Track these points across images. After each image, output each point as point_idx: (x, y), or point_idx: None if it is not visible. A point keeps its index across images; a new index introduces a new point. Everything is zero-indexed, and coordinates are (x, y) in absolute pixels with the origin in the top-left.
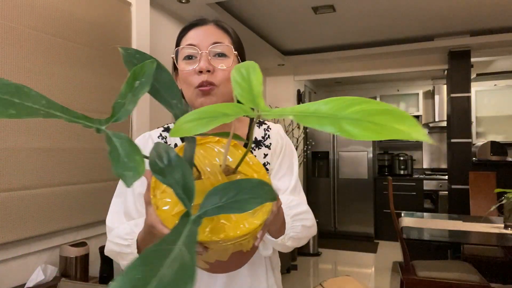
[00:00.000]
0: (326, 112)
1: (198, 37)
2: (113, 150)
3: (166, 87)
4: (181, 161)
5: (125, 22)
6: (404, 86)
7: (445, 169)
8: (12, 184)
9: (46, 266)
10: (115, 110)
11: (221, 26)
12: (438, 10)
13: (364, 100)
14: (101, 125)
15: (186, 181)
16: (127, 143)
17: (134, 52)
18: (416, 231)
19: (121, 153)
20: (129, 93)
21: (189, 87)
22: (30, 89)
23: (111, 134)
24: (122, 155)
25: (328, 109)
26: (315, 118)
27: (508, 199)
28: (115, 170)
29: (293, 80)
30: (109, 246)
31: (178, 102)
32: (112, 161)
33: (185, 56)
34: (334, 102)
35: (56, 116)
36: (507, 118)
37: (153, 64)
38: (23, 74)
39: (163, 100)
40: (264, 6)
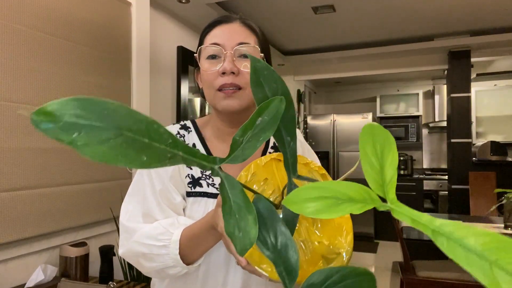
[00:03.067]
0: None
1: (223, 36)
2: (226, 200)
3: (285, 124)
4: (289, 236)
5: (125, 22)
6: (404, 86)
7: (445, 169)
8: (12, 184)
9: (46, 266)
10: (232, 148)
11: (248, 25)
12: (438, 10)
13: None
14: (214, 164)
15: (290, 260)
16: (240, 194)
17: (264, 67)
18: (416, 231)
19: (233, 205)
20: (249, 130)
21: (211, 88)
22: (159, 125)
23: (224, 177)
24: (234, 208)
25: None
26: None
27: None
28: (226, 226)
29: (293, 80)
30: (132, 248)
31: (292, 140)
32: (224, 211)
33: (208, 55)
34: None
35: (179, 159)
36: (507, 118)
37: (282, 104)
38: (23, 74)
39: (278, 135)
40: (264, 6)
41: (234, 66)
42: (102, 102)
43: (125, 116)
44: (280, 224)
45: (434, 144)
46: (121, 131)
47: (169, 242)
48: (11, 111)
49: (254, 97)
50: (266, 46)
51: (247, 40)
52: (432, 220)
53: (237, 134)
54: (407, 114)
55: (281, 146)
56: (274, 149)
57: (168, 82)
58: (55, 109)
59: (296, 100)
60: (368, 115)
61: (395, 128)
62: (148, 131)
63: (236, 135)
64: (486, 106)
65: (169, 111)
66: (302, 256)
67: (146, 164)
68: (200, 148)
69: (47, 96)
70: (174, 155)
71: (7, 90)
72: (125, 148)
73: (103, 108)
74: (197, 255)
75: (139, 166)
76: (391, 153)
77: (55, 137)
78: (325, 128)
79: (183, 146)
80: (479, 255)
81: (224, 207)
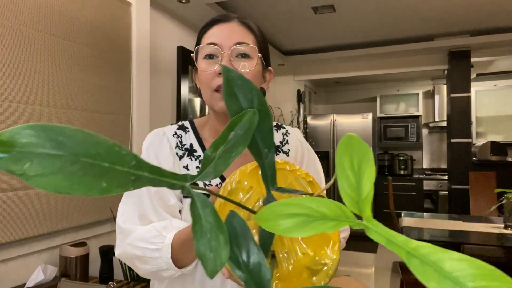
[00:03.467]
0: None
1: (220, 35)
2: (197, 219)
3: (263, 135)
4: (261, 255)
5: (125, 22)
6: (404, 86)
7: (445, 169)
8: (12, 184)
9: (46, 266)
10: (203, 164)
11: (246, 24)
12: (438, 10)
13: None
14: (185, 182)
15: (262, 279)
16: (211, 213)
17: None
18: (416, 231)
19: (204, 224)
20: (221, 145)
21: (208, 88)
22: (120, 147)
23: (195, 196)
24: (205, 229)
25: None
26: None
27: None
28: (196, 247)
29: (293, 80)
30: (127, 250)
31: (270, 152)
32: (194, 231)
33: (205, 55)
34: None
35: (145, 181)
36: (507, 118)
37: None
38: (23, 74)
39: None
40: (264, 6)
41: (231, 66)
42: (58, 128)
43: (82, 141)
44: (252, 242)
45: (434, 144)
46: (78, 158)
47: (162, 245)
48: (11, 111)
49: (228, 109)
50: (264, 45)
51: (244, 40)
52: (407, 241)
53: (209, 150)
54: (407, 114)
55: (258, 159)
56: None
57: (168, 82)
58: (7, 138)
59: (296, 100)
60: (368, 115)
61: (395, 128)
62: (109, 154)
63: (208, 151)
64: (486, 106)
65: (169, 111)
66: (286, 267)
67: (105, 191)
68: (197, 148)
69: (47, 96)
70: (138, 177)
71: (7, 90)
72: (82, 175)
73: (59, 134)
74: (190, 258)
75: (98, 194)
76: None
77: (6, 168)
78: (325, 128)
79: (149, 166)
80: (454, 281)
81: (195, 226)
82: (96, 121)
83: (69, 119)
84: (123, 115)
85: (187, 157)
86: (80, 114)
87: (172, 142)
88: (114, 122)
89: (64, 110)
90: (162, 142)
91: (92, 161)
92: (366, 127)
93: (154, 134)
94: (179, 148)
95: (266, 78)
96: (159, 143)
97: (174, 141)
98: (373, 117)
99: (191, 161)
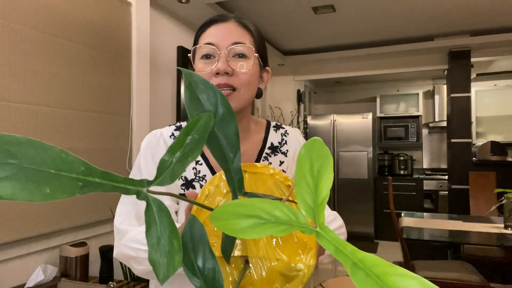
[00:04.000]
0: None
1: (217, 35)
2: (151, 221)
3: (227, 136)
4: (215, 260)
5: (125, 22)
6: (404, 86)
7: (445, 169)
8: None
9: (46, 266)
10: (159, 169)
11: (243, 24)
12: (438, 10)
13: None
14: (142, 187)
15: (216, 285)
16: (166, 218)
17: (200, 81)
18: (416, 231)
19: (159, 229)
20: (178, 150)
21: None
22: (68, 154)
23: (152, 201)
24: (159, 232)
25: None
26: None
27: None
28: (150, 253)
29: (293, 80)
30: (122, 250)
31: (235, 157)
32: (148, 239)
33: (202, 55)
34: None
35: (95, 187)
36: (507, 118)
37: (211, 120)
38: (23, 74)
39: (218, 151)
40: (264, 6)
41: (228, 66)
42: (5, 136)
43: (27, 148)
44: (208, 248)
45: (434, 144)
46: (22, 165)
47: None
48: (11, 111)
49: (189, 115)
50: (262, 45)
51: (242, 40)
52: (355, 251)
53: (166, 155)
54: (407, 114)
55: (223, 164)
56: (271, 149)
57: (168, 82)
58: None
59: (296, 100)
60: (368, 115)
61: (395, 128)
62: (54, 161)
63: (165, 156)
64: (486, 106)
65: (169, 111)
66: (259, 273)
67: (49, 197)
68: None
69: (47, 96)
70: (87, 183)
71: (7, 90)
72: (25, 182)
73: (5, 143)
74: None
75: (41, 200)
76: (327, 171)
77: None
78: (325, 128)
79: (100, 172)
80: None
81: (149, 232)
82: (96, 121)
83: (69, 119)
84: (123, 115)
85: None
86: (80, 114)
87: (169, 143)
88: (114, 122)
89: (64, 110)
90: (159, 143)
91: (37, 168)
92: (366, 127)
93: (151, 135)
94: None
95: (264, 79)
96: (156, 144)
97: (171, 142)
98: (373, 117)
99: None
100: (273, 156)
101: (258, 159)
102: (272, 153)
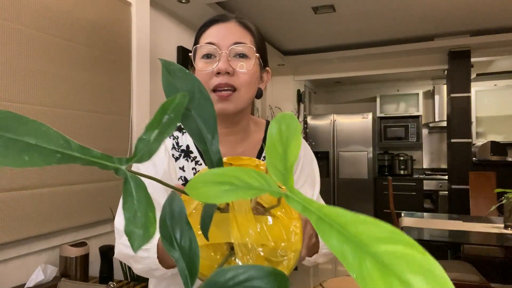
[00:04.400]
0: (356, 234)
1: (218, 35)
2: (128, 198)
3: (204, 119)
4: (193, 233)
5: (125, 22)
6: (404, 86)
7: (445, 169)
8: (12, 184)
9: (46, 266)
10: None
11: (244, 24)
12: (438, 10)
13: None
14: (121, 164)
15: (192, 256)
16: (143, 192)
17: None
18: (416, 231)
19: (135, 203)
20: (156, 129)
21: None
22: (48, 128)
23: (130, 177)
24: (136, 206)
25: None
26: (338, 235)
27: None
28: (126, 226)
29: (293, 80)
30: (121, 249)
31: (213, 139)
32: (125, 212)
33: (203, 55)
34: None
35: (73, 159)
36: (507, 118)
37: (185, 99)
38: (23, 74)
39: (197, 133)
40: (264, 6)
41: (229, 66)
42: None
43: (10, 121)
44: (185, 221)
45: (434, 144)
46: (4, 135)
47: (150, 245)
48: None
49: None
50: (262, 46)
51: (242, 40)
52: (321, 207)
53: (144, 134)
54: (407, 114)
55: (202, 145)
56: None
57: None
58: None
59: (296, 100)
60: (368, 115)
61: (395, 128)
62: (35, 133)
63: (143, 135)
64: (486, 106)
65: None
66: (245, 259)
67: (28, 164)
68: (193, 150)
69: (47, 96)
70: (65, 155)
71: (7, 90)
72: (5, 150)
73: None
74: None
75: (21, 165)
76: (295, 138)
77: None
78: (325, 128)
79: (79, 147)
80: (356, 244)
81: (126, 205)
82: (96, 121)
83: (69, 119)
84: (123, 115)
85: (183, 159)
86: (80, 114)
87: (168, 144)
88: (114, 122)
89: (64, 110)
90: None
91: (18, 138)
92: (366, 127)
93: None
94: (175, 149)
95: (264, 79)
96: None
97: (170, 142)
98: (373, 117)
99: (187, 162)
100: None
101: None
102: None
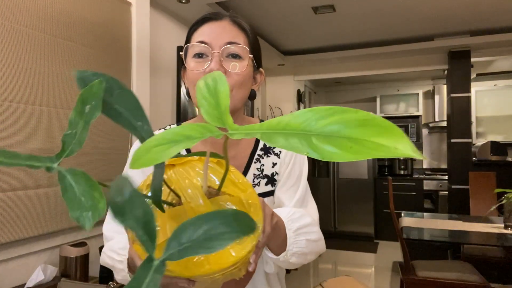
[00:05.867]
0: (297, 126)
1: (211, 34)
2: (68, 189)
3: (129, 109)
4: (140, 197)
5: (125, 22)
6: (404, 86)
7: (445, 169)
8: (12, 184)
9: (46, 266)
10: (66, 143)
11: (237, 23)
12: (438, 10)
13: (341, 109)
14: (52, 163)
15: (147, 220)
16: (83, 178)
17: (91, 75)
18: (416, 231)
19: (77, 191)
20: (80, 120)
21: None
22: None
23: (64, 172)
24: (78, 194)
25: (300, 123)
26: (283, 136)
27: (508, 199)
28: (71, 213)
29: (293, 80)
30: (103, 258)
31: (144, 124)
32: (67, 202)
33: (195, 54)
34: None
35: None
36: (507, 118)
37: (102, 84)
38: (23, 74)
39: (127, 123)
40: (264, 6)
41: (221, 66)
42: None
43: None
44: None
45: (434, 144)
46: None
47: (125, 258)
48: (11, 111)
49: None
50: (256, 46)
51: (236, 40)
52: (261, 125)
53: (69, 128)
54: (407, 114)
55: (134, 132)
56: (263, 151)
57: (168, 82)
58: None
59: (296, 100)
60: None
61: None
62: None
63: (69, 129)
64: (486, 106)
65: (169, 111)
66: None
67: None
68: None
69: (47, 96)
70: None
71: (7, 90)
72: None
73: None
74: None
75: None
76: (222, 84)
77: None
78: None
79: (2, 151)
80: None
81: (66, 195)
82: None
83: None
84: None
85: None
86: None
87: None
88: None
89: (64, 110)
90: None
91: None
92: None
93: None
94: None
95: (257, 80)
96: None
97: None
98: None
99: None
100: (266, 158)
101: (250, 161)
102: (265, 154)
